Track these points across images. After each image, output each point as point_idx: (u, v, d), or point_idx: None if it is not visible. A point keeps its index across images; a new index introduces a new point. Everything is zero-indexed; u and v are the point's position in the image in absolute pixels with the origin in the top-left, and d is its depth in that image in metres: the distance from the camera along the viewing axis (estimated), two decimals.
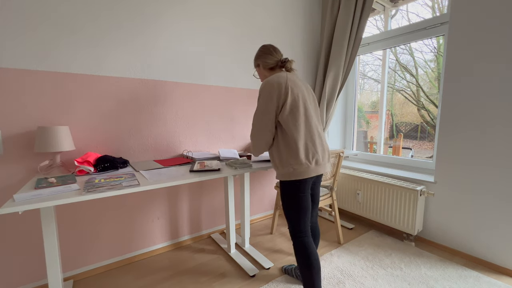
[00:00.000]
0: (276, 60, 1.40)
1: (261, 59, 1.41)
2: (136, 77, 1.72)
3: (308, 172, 1.25)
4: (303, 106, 1.28)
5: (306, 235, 1.30)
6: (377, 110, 2.64)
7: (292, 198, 1.29)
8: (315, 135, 1.29)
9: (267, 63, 1.40)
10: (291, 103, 1.25)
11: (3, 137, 1.36)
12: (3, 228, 1.40)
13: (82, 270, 1.65)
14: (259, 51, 1.44)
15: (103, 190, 1.06)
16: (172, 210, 1.98)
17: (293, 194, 1.29)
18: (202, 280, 1.61)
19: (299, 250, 1.29)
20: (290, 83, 1.26)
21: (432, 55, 4.29)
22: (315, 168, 1.27)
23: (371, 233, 2.22)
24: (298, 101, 1.26)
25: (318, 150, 1.29)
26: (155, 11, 1.74)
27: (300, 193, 1.28)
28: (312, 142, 1.27)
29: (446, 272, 1.68)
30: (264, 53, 1.41)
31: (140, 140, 1.79)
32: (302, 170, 1.24)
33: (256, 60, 1.46)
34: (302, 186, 1.28)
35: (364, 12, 2.26)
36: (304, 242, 1.29)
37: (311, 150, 1.27)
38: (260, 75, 1.50)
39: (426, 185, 2.02)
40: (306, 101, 1.31)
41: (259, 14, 2.26)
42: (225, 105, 2.16)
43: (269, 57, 1.39)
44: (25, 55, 1.38)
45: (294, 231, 1.31)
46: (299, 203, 1.29)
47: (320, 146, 1.31)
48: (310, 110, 1.31)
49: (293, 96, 1.25)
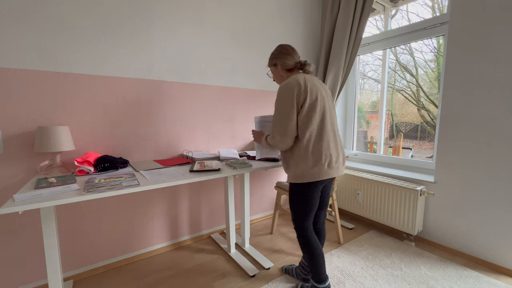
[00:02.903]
0: (295, 62, 1.37)
1: (280, 59, 1.38)
2: (136, 77, 1.72)
3: (318, 175, 1.24)
4: (321, 109, 1.26)
5: (308, 229, 1.37)
6: (377, 110, 2.64)
7: (300, 198, 1.32)
8: (330, 138, 1.28)
9: (286, 64, 1.37)
10: (309, 105, 1.24)
11: (3, 137, 1.36)
12: (3, 228, 1.40)
13: (82, 270, 1.65)
14: (276, 50, 1.40)
15: (103, 190, 1.06)
16: (172, 210, 1.98)
17: (301, 195, 1.31)
18: (202, 280, 1.61)
19: (304, 245, 1.37)
20: (309, 84, 1.25)
21: (432, 55, 4.29)
22: (327, 171, 1.26)
23: (371, 233, 2.22)
24: (316, 104, 1.25)
25: (331, 153, 1.27)
26: (155, 12, 1.74)
27: (309, 194, 1.29)
28: (326, 145, 1.26)
29: (446, 272, 1.68)
30: (283, 53, 1.37)
31: (140, 140, 1.79)
32: (312, 173, 1.24)
33: (273, 60, 1.41)
34: (312, 188, 1.28)
35: (364, 12, 2.26)
36: (307, 237, 1.36)
37: (324, 153, 1.25)
38: (276, 75, 1.45)
39: (426, 185, 2.02)
40: (325, 103, 1.29)
41: (259, 15, 2.26)
42: (225, 105, 2.16)
43: (288, 58, 1.37)
44: (25, 55, 1.38)
45: (298, 227, 1.38)
46: (306, 203, 1.32)
47: (335, 149, 1.29)
48: (327, 112, 1.29)
49: (312, 98, 1.24)
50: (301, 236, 1.37)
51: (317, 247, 1.35)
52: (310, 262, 1.36)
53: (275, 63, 1.41)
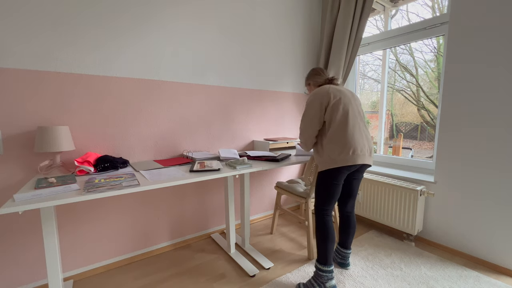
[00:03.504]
0: (324, 79, 1.67)
1: (312, 79, 1.70)
2: (136, 77, 1.72)
3: (344, 161, 1.40)
4: (344, 107, 1.45)
5: (327, 214, 1.51)
6: (377, 110, 2.64)
7: (325, 184, 1.48)
8: (354, 130, 1.44)
9: (317, 81, 1.68)
10: (332, 105, 1.45)
11: (3, 137, 1.36)
12: (3, 228, 1.40)
13: (82, 270, 1.65)
14: (309, 74, 1.75)
15: (103, 190, 1.06)
16: (172, 210, 1.98)
17: (327, 180, 1.47)
18: (202, 280, 1.61)
19: (319, 225, 1.50)
20: (332, 89, 1.49)
21: (432, 55, 4.29)
22: (351, 157, 1.40)
23: (371, 233, 2.22)
24: (339, 103, 1.45)
25: (356, 143, 1.42)
26: (155, 12, 1.74)
27: (332, 180, 1.46)
28: (350, 136, 1.42)
29: (446, 272, 1.68)
30: (315, 75, 1.70)
31: (140, 140, 1.79)
32: (338, 160, 1.40)
33: (308, 80, 1.75)
34: (336, 175, 1.44)
35: (364, 12, 2.26)
36: (324, 219, 1.50)
37: (348, 142, 1.41)
38: (311, 91, 1.76)
39: (426, 185, 2.02)
40: (349, 103, 1.48)
41: (259, 15, 2.26)
42: (225, 105, 2.16)
43: (318, 77, 1.68)
44: (26, 55, 1.38)
45: (318, 208, 1.52)
46: (329, 188, 1.47)
47: (360, 140, 1.44)
48: (350, 110, 1.46)
49: (335, 98, 1.46)
50: (319, 218, 1.50)
51: (331, 232, 1.48)
52: (320, 245, 1.48)
53: (309, 83, 1.74)
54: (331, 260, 1.47)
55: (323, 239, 1.47)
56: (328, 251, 1.46)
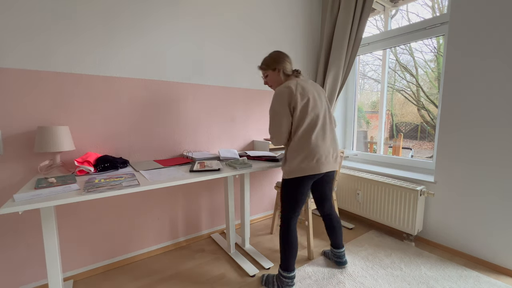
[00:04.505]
0: (292, 69, 1.51)
1: (282, 64, 1.47)
2: (136, 77, 1.72)
3: (306, 170, 1.35)
4: (312, 110, 1.37)
5: (292, 221, 1.46)
6: (377, 110, 2.64)
7: (288, 193, 1.44)
8: (318, 136, 1.37)
9: (287, 69, 1.48)
10: (301, 108, 1.35)
11: (3, 137, 1.36)
12: (3, 228, 1.40)
13: (82, 270, 1.65)
14: (277, 56, 1.48)
15: (103, 190, 1.06)
16: (172, 210, 1.98)
17: (290, 189, 1.42)
18: (202, 280, 1.61)
19: (282, 232, 1.46)
20: (300, 89, 1.37)
21: (432, 55, 4.29)
22: (314, 166, 1.35)
23: (371, 233, 2.22)
24: (308, 106, 1.36)
25: (319, 150, 1.36)
26: (155, 12, 1.74)
27: (296, 189, 1.40)
28: (314, 143, 1.35)
29: (446, 272, 1.68)
30: (285, 60, 1.47)
31: (140, 140, 1.79)
32: (300, 168, 1.35)
33: (275, 64, 1.47)
34: (300, 183, 1.39)
35: (364, 12, 2.26)
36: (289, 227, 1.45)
37: (313, 151, 1.35)
38: (273, 79, 1.51)
39: (426, 185, 2.02)
40: (316, 104, 1.39)
41: (259, 15, 2.26)
42: (225, 105, 2.16)
43: (288, 65, 1.49)
44: (26, 55, 1.38)
45: (283, 215, 1.48)
46: (293, 197, 1.43)
47: (324, 146, 1.38)
48: (319, 113, 1.39)
49: (303, 101, 1.35)
50: (284, 225, 1.46)
51: (294, 241, 1.43)
52: (282, 252, 1.44)
53: (276, 68, 1.48)
54: (293, 267, 1.45)
55: (286, 246, 1.43)
56: (290, 259, 1.43)
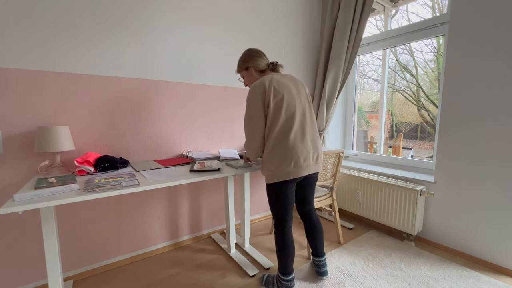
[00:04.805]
0: (266, 63, 1.42)
1: (252, 62, 1.41)
2: (136, 77, 1.72)
3: (285, 174, 1.28)
4: (288, 108, 1.27)
5: (285, 226, 1.40)
6: (377, 110, 2.64)
7: (274, 197, 1.37)
8: (297, 137, 1.28)
9: (258, 65, 1.40)
10: (274, 105, 1.25)
11: (3, 137, 1.36)
12: (3, 228, 1.40)
13: (82, 270, 1.65)
14: (246, 54, 1.43)
15: (103, 190, 1.06)
16: (172, 210, 1.98)
17: (274, 194, 1.36)
18: (202, 280, 1.61)
19: (277, 236, 1.41)
20: (275, 84, 1.27)
21: (432, 55, 4.29)
22: (293, 170, 1.28)
23: (371, 233, 2.22)
24: (282, 103, 1.26)
25: (299, 153, 1.28)
26: (155, 12, 1.74)
27: (280, 193, 1.34)
28: (291, 146, 1.26)
29: (446, 272, 1.68)
30: (254, 56, 1.41)
31: (140, 140, 1.79)
32: (279, 173, 1.28)
33: (245, 63, 1.43)
34: (282, 188, 1.33)
35: (364, 12, 2.26)
36: (283, 231, 1.39)
37: (289, 153, 1.26)
38: (249, 78, 1.47)
39: (426, 185, 2.02)
40: (293, 101, 1.30)
41: (259, 15, 2.26)
42: (225, 105, 2.16)
43: (259, 60, 1.41)
44: (25, 55, 1.38)
45: (274, 222, 1.43)
46: (279, 202, 1.36)
47: (303, 148, 1.29)
48: (295, 111, 1.29)
49: (277, 97, 1.26)
50: (278, 230, 1.41)
51: (290, 244, 1.39)
52: (278, 256, 1.41)
53: (247, 67, 1.43)
54: (291, 270, 1.42)
55: (281, 252, 1.40)
56: (287, 263, 1.40)
